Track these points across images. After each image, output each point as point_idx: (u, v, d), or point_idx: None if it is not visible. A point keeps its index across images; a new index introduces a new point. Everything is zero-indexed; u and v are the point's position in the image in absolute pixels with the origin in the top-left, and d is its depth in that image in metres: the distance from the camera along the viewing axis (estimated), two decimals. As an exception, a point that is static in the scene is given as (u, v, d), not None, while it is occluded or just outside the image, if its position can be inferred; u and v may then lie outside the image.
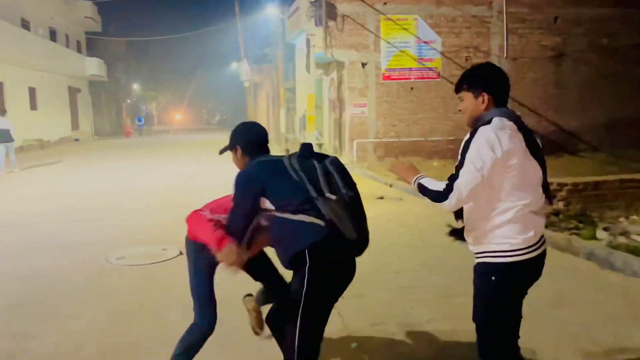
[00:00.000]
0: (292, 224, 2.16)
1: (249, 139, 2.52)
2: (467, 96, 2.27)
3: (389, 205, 8.33)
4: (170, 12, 47.89)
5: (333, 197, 2.16)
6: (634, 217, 6.41)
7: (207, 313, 2.66)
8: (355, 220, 2.18)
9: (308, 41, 14.42)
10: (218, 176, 12.33)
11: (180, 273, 4.93)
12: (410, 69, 14.09)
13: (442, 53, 14.09)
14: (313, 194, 2.16)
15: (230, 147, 2.56)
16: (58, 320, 3.83)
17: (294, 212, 2.16)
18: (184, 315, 3.85)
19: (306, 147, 2.39)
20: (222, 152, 2.67)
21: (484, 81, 2.26)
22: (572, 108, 14.32)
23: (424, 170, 2.33)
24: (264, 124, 33.74)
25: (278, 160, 2.32)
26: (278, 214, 2.20)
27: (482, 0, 14.00)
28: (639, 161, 10.88)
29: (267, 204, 2.23)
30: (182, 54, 48.24)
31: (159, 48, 44.40)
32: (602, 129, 14.16)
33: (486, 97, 2.22)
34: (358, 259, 2.28)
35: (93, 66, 31.01)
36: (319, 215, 2.13)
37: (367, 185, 10.00)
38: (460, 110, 2.38)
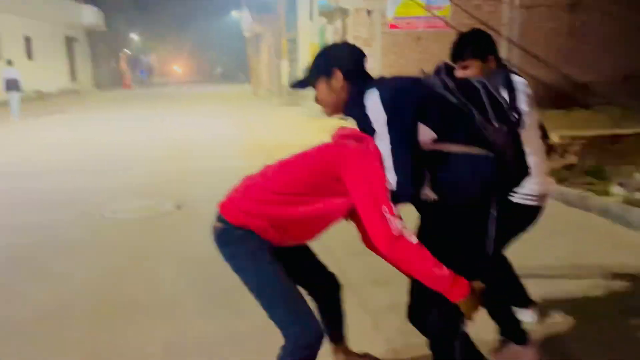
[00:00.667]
0: (459, 159, 1.68)
1: (354, 59, 1.85)
2: (473, 63, 2.32)
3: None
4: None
5: (503, 125, 1.74)
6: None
7: (308, 319, 1.78)
8: (521, 156, 1.79)
9: (311, -13, 13.78)
10: (220, 130, 12.06)
11: (177, 227, 4.79)
12: (417, 17, 13.48)
13: (451, 0, 13.44)
14: (480, 120, 1.71)
15: (320, 72, 1.86)
16: (49, 278, 3.66)
17: (458, 143, 1.68)
18: (179, 273, 3.69)
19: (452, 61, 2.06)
20: (297, 85, 1.97)
21: (491, 45, 2.37)
22: (587, 60, 13.77)
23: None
24: (265, 75, 33.21)
25: (419, 78, 1.80)
26: (437, 147, 1.69)
27: (496, -58, 13.23)
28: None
29: (422, 134, 1.68)
30: (182, 3, 46.77)
31: (157, -4, 43.02)
32: (617, 82, 13.66)
33: (492, 58, 2.35)
34: None
35: (89, 14, 30.17)
36: (488, 146, 1.69)
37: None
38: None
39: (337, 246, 3.53)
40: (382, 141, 1.69)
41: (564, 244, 4.11)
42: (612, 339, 2.66)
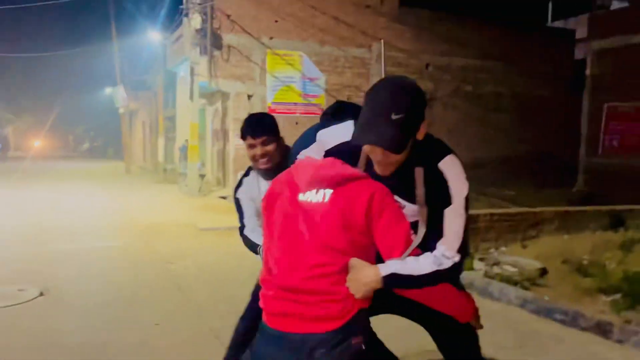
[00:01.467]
0: None
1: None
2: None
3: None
4: (35, 26, 43.04)
5: None
6: (503, 248, 6.94)
7: None
8: None
9: (192, 69, 14.02)
10: (91, 208, 11.26)
11: (42, 316, 4.30)
12: (295, 103, 14.28)
13: (326, 90, 14.52)
14: None
15: (413, 127, 1.60)
16: None
17: None
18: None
19: None
20: (392, 145, 1.55)
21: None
22: (442, 148, 15.48)
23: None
24: (140, 152, 31.98)
25: None
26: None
27: (363, 43, 14.76)
28: (500, 197, 11.98)
29: None
30: (47, 75, 44.00)
31: (19, 66, 40.10)
32: (468, 168, 15.38)
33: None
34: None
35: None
36: None
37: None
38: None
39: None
40: (455, 218, 1.65)
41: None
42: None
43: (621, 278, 5.12)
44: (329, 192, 1.60)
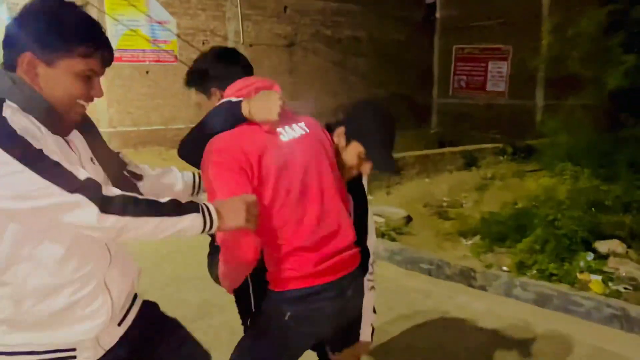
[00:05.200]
0: None
1: None
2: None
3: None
4: None
5: None
6: (370, 197, 6.90)
7: None
8: None
9: (10, 11, 11.85)
10: None
11: None
12: (143, 50, 12.88)
13: (178, 35, 13.27)
14: None
15: None
16: None
17: None
18: None
19: None
20: None
21: None
22: (306, 95, 15.24)
23: (171, 161, 1.76)
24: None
25: None
26: None
27: (216, -18, 13.63)
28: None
29: None
30: None
31: None
32: (332, 114, 15.47)
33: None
34: None
35: None
36: None
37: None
38: None
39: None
40: None
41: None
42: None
43: (478, 220, 5.29)
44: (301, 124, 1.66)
